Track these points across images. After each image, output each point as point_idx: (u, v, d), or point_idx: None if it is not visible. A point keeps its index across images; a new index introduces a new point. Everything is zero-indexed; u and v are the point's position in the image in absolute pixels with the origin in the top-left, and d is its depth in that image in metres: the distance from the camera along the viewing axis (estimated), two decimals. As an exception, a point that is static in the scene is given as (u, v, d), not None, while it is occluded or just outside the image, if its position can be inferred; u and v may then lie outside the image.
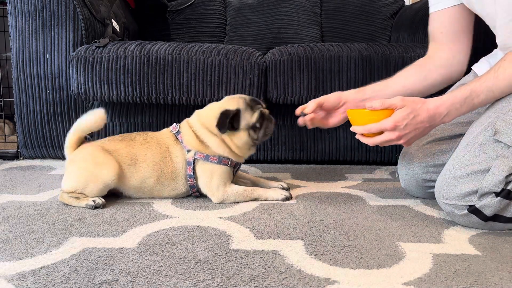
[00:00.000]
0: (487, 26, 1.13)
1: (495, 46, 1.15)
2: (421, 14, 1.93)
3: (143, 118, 1.68)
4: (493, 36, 1.12)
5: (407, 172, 1.24)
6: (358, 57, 1.57)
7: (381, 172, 1.61)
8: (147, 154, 1.19)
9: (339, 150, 1.71)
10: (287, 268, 0.79)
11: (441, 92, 1.24)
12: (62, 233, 0.95)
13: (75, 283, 0.73)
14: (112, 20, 1.78)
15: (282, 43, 2.02)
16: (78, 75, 1.55)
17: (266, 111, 1.24)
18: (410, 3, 2.46)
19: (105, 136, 1.38)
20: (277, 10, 2.29)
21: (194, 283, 0.73)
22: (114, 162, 1.16)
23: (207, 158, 1.18)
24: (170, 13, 2.29)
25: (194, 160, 1.18)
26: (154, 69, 1.54)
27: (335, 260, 0.83)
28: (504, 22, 1.03)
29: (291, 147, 1.72)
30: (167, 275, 0.76)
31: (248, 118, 1.19)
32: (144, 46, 1.57)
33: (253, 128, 1.19)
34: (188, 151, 1.19)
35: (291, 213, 1.10)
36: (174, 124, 1.25)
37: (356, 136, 1.10)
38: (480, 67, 1.20)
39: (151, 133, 1.25)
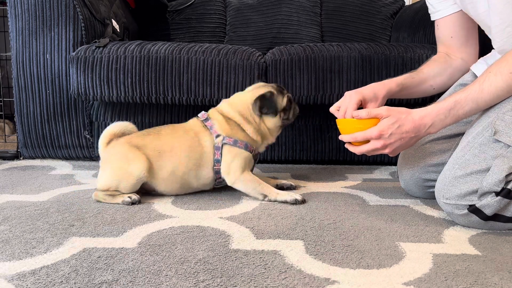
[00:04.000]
0: None
1: (493, 47, 1.15)
2: (421, 14, 1.93)
3: (143, 118, 1.68)
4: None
5: (406, 172, 1.24)
6: (358, 57, 1.57)
7: (381, 172, 1.61)
8: (174, 143, 1.22)
9: (339, 150, 1.71)
10: (287, 268, 0.79)
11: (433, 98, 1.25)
12: (62, 233, 0.95)
13: (75, 283, 0.73)
14: (112, 20, 1.78)
15: (282, 43, 2.02)
16: (78, 75, 1.55)
17: (290, 95, 1.32)
18: (410, 3, 2.46)
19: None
20: (277, 10, 2.28)
21: (194, 283, 0.73)
22: (143, 157, 1.18)
23: (235, 143, 1.22)
24: (170, 13, 2.29)
25: (222, 145, 1.21)
26: (154, 69, 1.54)
27: (335, 260, 0.83)
28: (500, 28, 1.03)
29: (291, 147, 1.71)
30: (167, 275, 0.76)
31: (280, 101, 1.27)
32: (144, 46, 1.57)
33: (283, 110, 1.28)
34: (217, 136, 1.22)
35: (291, 213, 1.10)
36: (202, 112, 1.29)
37: (345, 145, 1.11)
38: (478, 67, 1.20)
39: (177, 124, 1.31)
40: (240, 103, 1.27)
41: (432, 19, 1.28)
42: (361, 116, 1.05)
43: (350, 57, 1.57)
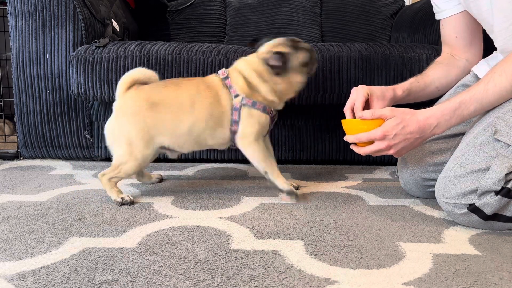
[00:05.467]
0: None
1: (495, 48, 1.15)
2: (421, 14, 1.92)
3: (143, 118, 1.68)
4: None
5: (406, 171, 1.24)
6: (358, 57, 1.56)
7: (381, 172, 1.61)
8: (196, 99, 1.19)
9: (339, 150, 1.71)
10: (287, 268, 0.79)
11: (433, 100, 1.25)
12: (62, 233, 0.96)
13: (75, 283, 0.73)
14: (112, 20, 1.78)
15: (282, 43, 2.02)
16: (78, 75, 1.55)
17: (306, 45, 1.26)
18: (410, 3, 2.46)
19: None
20: (277, 10, 2.28)
21: (194, 283, 0.73)
22: (152, 141, 1.17)
23: (254, 104, 1.19)
24: (170, 13, 2.29)
25: (240, 106, 1.19)
26: (154, 69, 1.52)
27: (335, 260, 0.83)
28: (503, 26, 1.03)
29: (291, 147, 1.71)
30: (167, 275, 0.76)
31: (295, 60, 1.21)
32: (144, 46, 1.57)
33: (305, 65, 1.23)
34: (236, 96, 1.19)
35: (291, 213, 1.10)
36: (223, 69, 1.25)
37: (350, 146, 1.11)
38: (480, 68, 1.20)
39: (197, 78, 1.26)
40: (256, 62, 1.22)
41: (436, 18, 1.28)
42: (365, 116, 1.05)
43: (350, 57, 1.57)
